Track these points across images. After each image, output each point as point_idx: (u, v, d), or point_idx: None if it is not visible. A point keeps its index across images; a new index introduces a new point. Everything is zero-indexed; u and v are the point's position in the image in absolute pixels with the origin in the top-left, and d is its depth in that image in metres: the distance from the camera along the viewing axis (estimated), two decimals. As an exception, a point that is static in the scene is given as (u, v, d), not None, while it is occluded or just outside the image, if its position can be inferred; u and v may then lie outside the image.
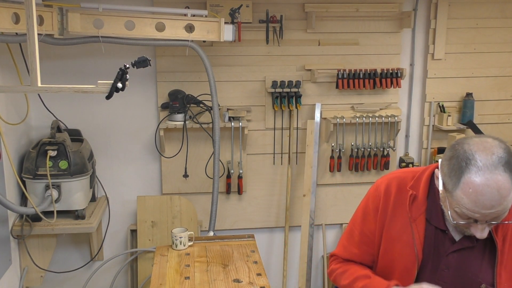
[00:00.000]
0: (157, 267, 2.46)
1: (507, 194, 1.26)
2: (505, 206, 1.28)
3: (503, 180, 1.25)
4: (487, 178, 1.26)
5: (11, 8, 2.36)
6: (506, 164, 1.27)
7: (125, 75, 1.97)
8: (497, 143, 1.32)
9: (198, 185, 3.39)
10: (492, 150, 1.30)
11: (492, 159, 1.27)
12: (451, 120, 3.48)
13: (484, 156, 1.28)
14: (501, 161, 1.27)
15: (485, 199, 1.26)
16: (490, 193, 1.26)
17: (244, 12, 3.12)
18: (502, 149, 1.30)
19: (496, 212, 1.28)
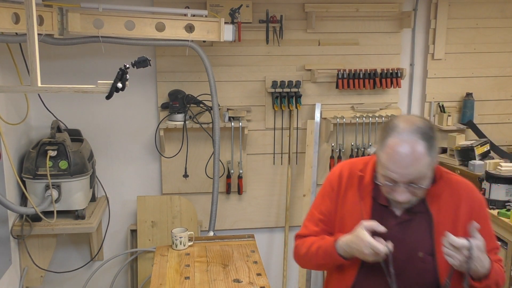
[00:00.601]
0: (157, 267, 2.46)
1: (420, 157, 1.45)
2: (419, 169, 1.46)
3: (418, 145, 1.45)
4: (403, 140, 1.46)
5: (11, 8, 2.36)
6: (424, 134, 1.47)
7: (125, 75, 1.97)
8: (421, 119, 1.53)
9: (198, 185, 3.39)
10: (414, 121, 1.50)
11: (411, 127, 1.48)
12: (451, 120, 3.48)
13: (405, 125, 1.49)
14: (419, 130, 1.47)
15: (400, 158, 1.46)
16: (405, 153, 1.45)
17: (244, 12, 3.12)
18: (423, 123, 1.50)
19: (410, 173, 1.46)
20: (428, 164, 1.49)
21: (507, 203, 2.88)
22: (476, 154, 3.18)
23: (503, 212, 2.81)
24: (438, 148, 1.54)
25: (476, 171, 3.10)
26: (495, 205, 2.90)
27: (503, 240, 2.82)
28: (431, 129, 1.51)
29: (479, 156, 3.19)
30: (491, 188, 2.91)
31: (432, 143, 1.48)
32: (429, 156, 1.48)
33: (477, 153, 3.18)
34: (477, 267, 1.44)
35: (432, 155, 1.49)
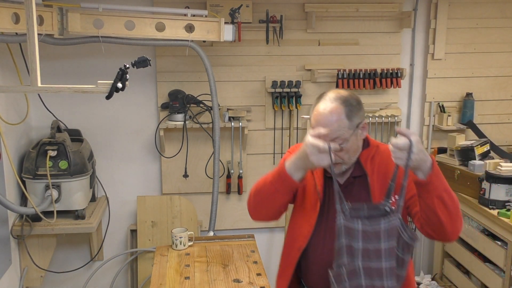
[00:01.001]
0: (157, 267, 2.46)
1: (338, 118, 1.68)
2: (337, 129, 1.67)
3: (337, 107, 1.69)
4: (326, 104, 1.70)
5: (11, 8, 2.36)
6: (345, 101, 1.70)
7: (125, 75, 1.97)
8: (348, 92, 1.77)
9: (198, 185, 3.39)
10: (339, 92, 1.75)
11: (335, 95, 1.72)
12: (451, 120, 3.48)
13: (331, 94, 1.74)
14: (342, 98, 1.71)
15: (321, 118, 1.69)
16: (325, 114, 1.69)
17: (244, 12, 3.12)
18: (348, 94, 1.74)
19: (331, 131, 1.66)
20: (346, 126, 1.69)
21: (507, 203, 2.88)
22: (476, 154, 3.18)
23: (503, 212, 2.81)
24: (361, 117, 1.74)
25: (476, 171, 3.10)
26: (495, 205, 2.90)
27: (503, 240, 2.82)
28: (354, 99, 1.73)
29: (479, 156, 3.19)
30: (491, 188, 2.91)
31: (351, 109, 1.70)
32: (348, 119, 1.69)
33: (477, 153, 3.18)
34: (420, 161, 1.52)
35: (351, 119, 1.70)
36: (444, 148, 3.49)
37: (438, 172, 1.58)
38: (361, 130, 1.76)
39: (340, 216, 1.59)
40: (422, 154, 1.52)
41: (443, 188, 1.58)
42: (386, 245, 1.54)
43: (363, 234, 1.56)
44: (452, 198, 1.60)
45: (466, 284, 3.24)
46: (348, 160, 1.76)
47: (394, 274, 1.55)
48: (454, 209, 1.60)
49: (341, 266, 1.58)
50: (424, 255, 3.78)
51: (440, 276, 3.56)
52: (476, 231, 3.08)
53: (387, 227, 1.54)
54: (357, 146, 1.77)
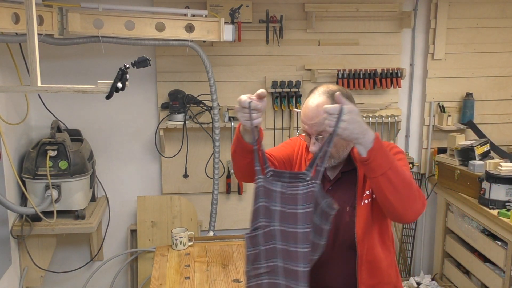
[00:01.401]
0: (157, 267, 2.46)
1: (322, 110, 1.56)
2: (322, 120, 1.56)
3: (323, 101, 1.68)
4: (314, 97, 1.72)
5: (11, 8, 2.36)
6: (332, 95, 1.68)
7: (125, 75, 1.97)
8: (338, 87, 1.75)
9: (198, 185, 3.39)
10: (329, 86, 1.75)
11: (324, 90, 1.73)
12: (451, 120, 3.48)
13: (321, 88, 1.75)
14: (329, 92, 1.71)
15: (307, 111, 1.70)
16: (312, 107, 1.69)
17: (244, 12, 3.12)
18: (337, 88, 1.74)
19: (315, 124, 1.67)
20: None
21: (507, 203, 2.88)
22: (476, 154, 3.18)
23: (503, 212, 2.81)
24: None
25: (476, 171, 3.10)
26: (495, 205, 2.90)
27: (503, 240, 2.82)
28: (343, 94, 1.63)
29: (479, 156, 3.19)
30: (491, 188, 2.91)
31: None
32: None
33: (477, 153, 3.18)
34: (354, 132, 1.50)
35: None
36: (444, 148, 3.49)
37: (381, 149, 1.53)
38: None
39: (259, 177, 1.57)
40: (358, 125, 1.49)
41: (388, 166, 1.53)
42: (303, 210, 1.50)
43: (281, 196, 1.54)
44: (401, 176, 1.55)
45: (466, 284, 3.24)
46: (336, 154, 1.74)
47: (309, 241, 1.51)
48: (404, 189, 1.55)
49: (257, 229, 1.55)
50: (424, 255, 3.78)
51: (440, 276, 3.56)
52: (476, 231, 3.08)
53: (305, 192, 1.51)
54: (346, 142, 1.71)
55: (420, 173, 3.66)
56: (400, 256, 3.73)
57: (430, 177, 3.62)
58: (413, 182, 1.59)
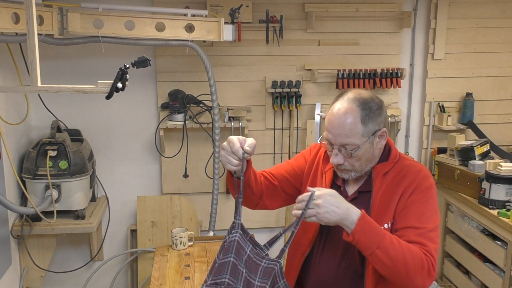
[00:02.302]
0: (157, 267, 2.46)
1: (351, 121, 1.55)
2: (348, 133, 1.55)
3: (352, 110, 1.55)
4: (342, 104, 1.58)
5: (11, 8, 2.36)
6: (363, 103, 1.56)
7: (125, 75, 1.97)
8: (370, 94, 1.61)
9: (198, 185, 3.39)
10: (359, 92, 1.60)
11: (354, 96, 1.58)
12: (451, 120, 3.48)
13: (350, 94, 1.60)
14: (360, 99, 1.57)
15: (333, 118, 1.57)
16: (338, 114, 1.56)
17: (244, 12, 3.12)
18: (368, 95, 1.59)
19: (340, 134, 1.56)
20: (360, 133, 1.56)
21: (507, 203, 2.88)
22: (476, 154, 3.18)
23: (503, 212, 2.81)
24: (379, 123, 1.59)
25: (476, 171, 3.10)
26: (495, 205, 2.90)
27: (503, 240, 2.82)
28: (375, 102, 1.59)
29: (479, 156, 3.19)
30: (491, 188, 2.91)
31: (368, 114, 1.56)
32: (363, 124, 1.56)
33: (477, 153, 3.18)
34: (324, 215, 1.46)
35: (367, 125, 1.56)
36: (444, 148, 3.49)
37: (366, 229, 1.47)
38: (379, 138, 1.61)
39: (237, 231, 1.52)
40: (334, 208, 1.45)
41: (375, 245, 1.46)
42: (259, 284, 1.45)
43: (247, 260, 1.49)
44: (391, 255, 1.45)
45: (466, 284, 3.24)
46: (359, 168, 1.63)
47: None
48: (396, 267, 1.46)
49: (219, 284, 1.45)
50: (424, 255, 3.77)
51: (440, 276, 3.56)
52: (476, 231, 3.08)
53: (266, 267, 1.47)
54: (372, 155, 1.62)
55: (420, 173, 3.65)
56: (400, 256, 3.72)
57: (430, 177, 3.62)
58: (409, 257, 1.47)
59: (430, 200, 1.58)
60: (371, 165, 1.65)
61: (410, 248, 1.48)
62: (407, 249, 1.48)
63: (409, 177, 1.61)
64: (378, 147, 1.63)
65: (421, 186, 1.59)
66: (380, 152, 1.66)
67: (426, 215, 1.55)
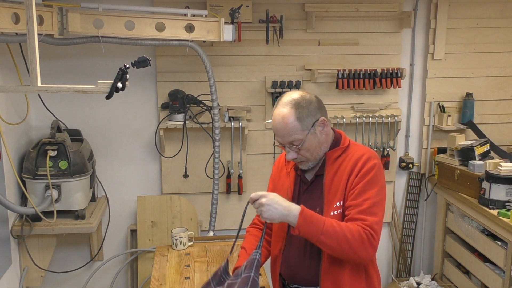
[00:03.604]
0: (157, 267, 2.46)
1: (288, 122, 1.78)
2: (290, 132, 1.79)
3: (287, 112, 1.79)
4: (279, 109, 1.81)
5: (11, 8, 2.36)
6: (295, 104, 1.79)
7: (125, 75, 1.97)
8: (300, 93, 1.84)
9: (198, 185, 3.39)
10: (291, 94, 1.83)
11: (287, 99, 1.81)
12: (451, 120, 3.48)
13: (284, 97, 1.84)
14: (292, 102, 1.80)
15: (275, 123, 1.82)
16: (277, 119, 1.81)
17: (244, 12, 3.12)
18: (299, 95, 1.82)
19: (284, 135, 1.80)
20: (299, 129, 1.79)
21: (507, 203, 2.88)
22: (476, 154, 3.18)
23: (503, 212, 2.81)
24: (315, 115, 1.81)
25: (476, 171, 3.10)
26: (495, 205, 2.90)
27: (503, 240, 2.82)
28: (305, 100, 1.80)
29: (479, 156, 3.19)
30: (491, 188, 2.91)
31: (302, 111, 1.78)
32: (299, 121, 1.78)
33: (477, 153, 3.18)
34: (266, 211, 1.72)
35: (303, 121, 1.78)
36: (444, 148, 3.49)
37: (306, 221, 1.71)
38: (320, 127, 1.83)
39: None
40: (275, 211, 1.71)
41: (319, 232, 1.70)
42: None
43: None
44: (333, 237, 1.70)
45: (466, 284, 3.25)
46: (311, 157, 1.86)
47: None
48: (341, 245, 1.70)
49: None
50: (424, 255, 3.78)
51: (440, 276, 3.56)
52: (476, 231, 3.08)
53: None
54: (319, 142, 1.84)
55: (420, 173, 3.66)
56: (400, 256, 3.73)
57: (430, 177, 3.62)
58: (349, 235, 1.70)
59: (372, 178, 1.79)
60: (323, 151, 1.87)
61: (348, 226, 1.72)
62: (346, 228, 1.71)
63: (353, 160, 1.83)
64: (324, 135, 1.85)
65: (363, 167, 1.80)
66: (328, 139, 1.88)
67: (368, 192, 1.77)
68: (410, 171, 3.65)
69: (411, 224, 3.71)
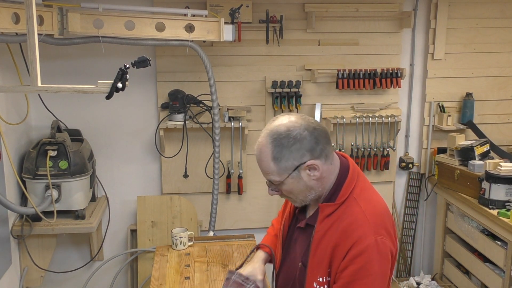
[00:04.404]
0: (157, 267, 2.46)
1: (263, 159, 1.47)
2: (265, 170, 1.49)
3: (264, 145, 1.46)
4: (260, 137, 1.49)
5: (11, 8, 2.36)
6: (276, 139, 1.44)
7: (125, 75, 1.97)
8: (292, 123, 1.46)
9: (198, 185, 3.39)
10: (281, 123, 1.47)
11: (272, 128, 1.47)
12: (451, 120, 3.48)
13: (269, 125, 1.50)
14: (274, 134, 1.45)
15: (256, 155, 1.51)
16: (256, 149, 1.51)
17: (244, 12, 3.12)
18: (286, 128, 1.45)
19: (262, 171, 1.52)
20: (274, 170, 1.47)
21: (507, 203, 2.88)
22: (476, 154, 3.18)
23: (503, 212, 2.81)
24: (299, 158, 1.45)
25: (476, 171, 3.10)
26: (495, 205, 2.90)
27: (503, 240, 2.82)
28: (289, 137, 1.44)
29: (479, 156, 3.19)
30: (491, 188, 2.91)
31: (281, 151, 1.44)
32: (274, 161, 1.46)
33: (477, 153, 3.19)
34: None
35: (279, 163, 1.45)
36: (444, 148, 3.49)
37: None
38: (309, 171, 1.46)
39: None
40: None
41: None
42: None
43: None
44: None
45: (466, 284, 3.25)
46: (296, 198, 1.55)
47: None
48: None
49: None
50: (424, 255, 3.78)
51: (440, 276, 3.57)
52: (476, 231, 3.08)
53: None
54: (305, 187, 1.49)
55: (420, 173, 3.66)
56: (400, 256, 3.73)
57: (430, 177, 3.62)
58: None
59: (363, 267, 1.41)
60: (316, 194, 1.53)
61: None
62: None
63: (344, 236, 1.44)
64: (315, 179, 1.48)
65: (352, 252, 1.42)
66: (323, 183, 1.51)
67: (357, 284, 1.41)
68: (410, 171, 3.66)
69: (411, 224, 3.71)
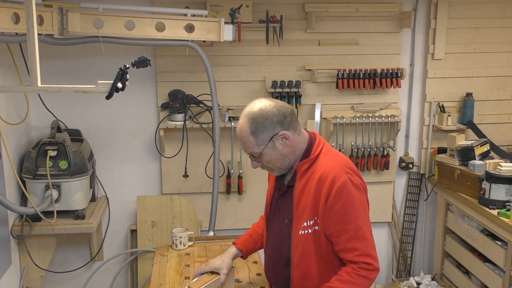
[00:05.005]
0: (157, 267, 2.46)
1: (243, 135, 1.80)
2: (246, 144, 1.81)
3: (242, 125, 1.81)
4: (240, 120, 1.83)
5: (11, 8, 2.36)
6: (251, 118, 1.79)
7: (125, 75, 1.97)
8: (262, 104, 1.80)
9: (198, 185, 3.39)
10: (253, 106, 1.82)
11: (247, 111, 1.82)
12: (451, 120, 3.48)
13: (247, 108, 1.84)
14: (249, 114, 1.80)
15: (238, 134, 1.84)
16: (237, 130, 1.84)
17: (244, 12, 3.12)
18: (258, 108, 1.80)
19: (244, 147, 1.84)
20: (254, 143, 1.80)
21: (507, 203, 2.88)
22: (476, 154, 3.18)
23: (503, 212, 2.81)
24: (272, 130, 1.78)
25: (476, 171, 3.10)
26: (495, 205, 2.90)
27: (503, 240, 2.82)
28: (261, 116, 1.78)
29: (479, 156, 3.19)
30: (491, 188, 2.91)
31: (257, 126, 1.78)
32: (253, 136, 1.79)
33: (477, 153, 3.19)
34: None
35: (257, 136, 1.79)
36: (444, 148, 3.49)
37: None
38: (282, 140, 1.80)
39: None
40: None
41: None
42: None
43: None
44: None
45: (466, 284, 3.25)
46: (275, 167, 1.86)
47: None
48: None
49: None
50: (424, 255, 3.78)
51: (440, 276, 3.57)
52: (476, 231, 3.08)
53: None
54: (281, 155, 1.82)
55: (420, 173, 3.66)
56: (400, 256, 3.73)
57: (430, 177, 3.62)
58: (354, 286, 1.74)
59: (346, 201, 1.74)
60: (290, 162, 1.85)
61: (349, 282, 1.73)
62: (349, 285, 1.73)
63: (317, 179, 1.78)
64: (288, 147, 1.82)
65: (331, 191, 1.74)
66: (295, 150, 1.84)
67: (348, 217, 1.74)
68: (410, 171, 3.66)
69: (411, 224, 3.71)
